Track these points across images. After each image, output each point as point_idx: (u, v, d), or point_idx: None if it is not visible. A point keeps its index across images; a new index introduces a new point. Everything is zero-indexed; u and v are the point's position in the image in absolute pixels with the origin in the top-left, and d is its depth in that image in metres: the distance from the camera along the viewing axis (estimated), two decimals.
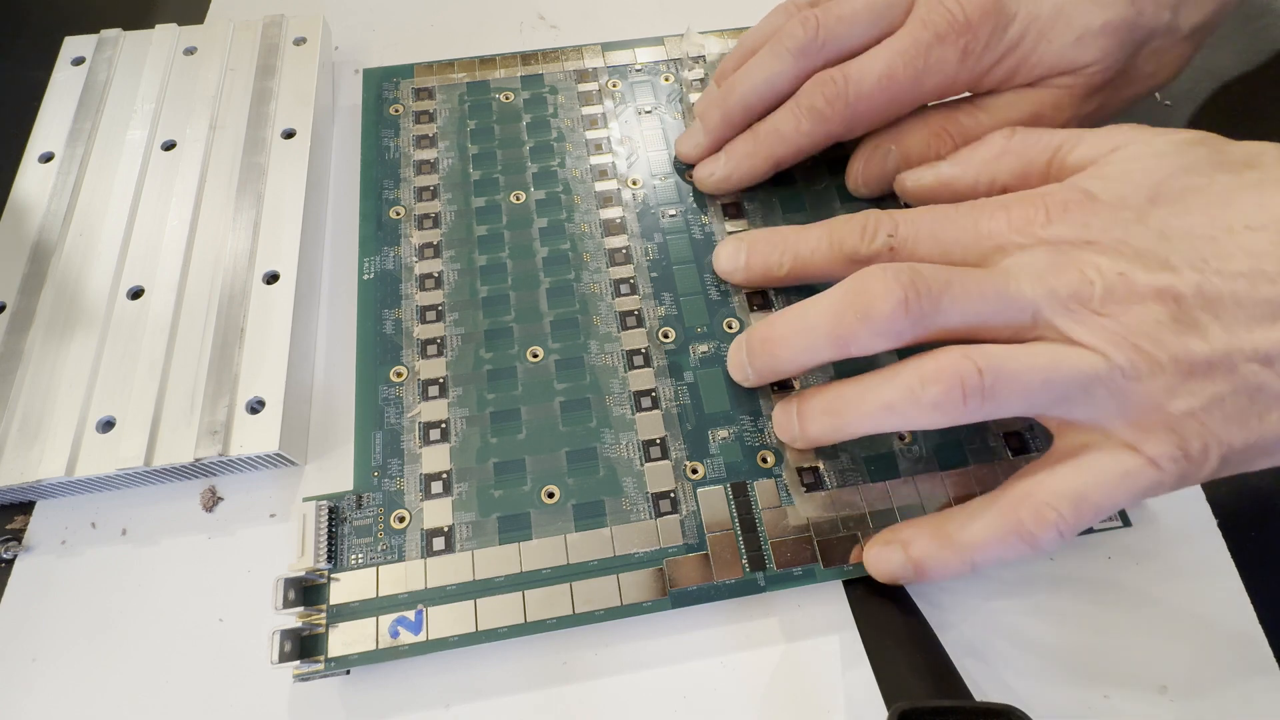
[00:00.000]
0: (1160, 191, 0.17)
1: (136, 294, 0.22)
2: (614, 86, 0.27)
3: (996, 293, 0.17)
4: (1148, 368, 0.16)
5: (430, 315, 0.23)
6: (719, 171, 0.24)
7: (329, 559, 0.19)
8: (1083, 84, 0.21)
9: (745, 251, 0.22)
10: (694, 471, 0.21)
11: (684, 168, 0.25)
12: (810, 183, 0.25)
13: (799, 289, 0.23)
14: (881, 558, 0.19)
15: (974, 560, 0.17)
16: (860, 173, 0.24)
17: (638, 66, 0.28)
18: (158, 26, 0.27)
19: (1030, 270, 0.17)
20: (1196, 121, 0.28)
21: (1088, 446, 0.17)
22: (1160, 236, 0.16)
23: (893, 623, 0.19)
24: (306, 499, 0.20)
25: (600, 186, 0.25)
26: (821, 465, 0.21)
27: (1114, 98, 0.23)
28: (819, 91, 0.22)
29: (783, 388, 0.22)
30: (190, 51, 0.27)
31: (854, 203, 0.25)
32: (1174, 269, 0.16)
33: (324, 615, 0.19)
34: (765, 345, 0.20)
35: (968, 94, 0.23)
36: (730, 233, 0.24)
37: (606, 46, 0.28)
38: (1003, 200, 0.18)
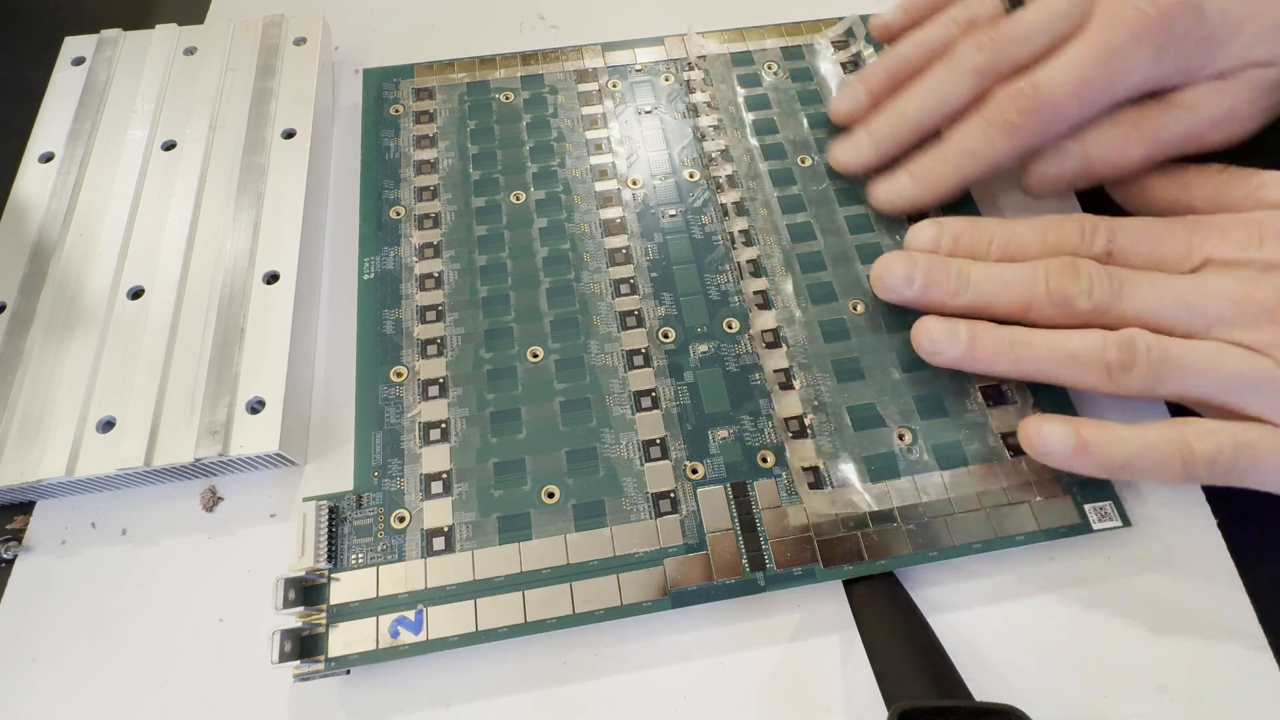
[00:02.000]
0: None
1: (136, 294, 0.22)
2: (614, 86, 0.27)
3: (1176, 300, 0.19)
4: None
5: (430, 315, 0.23)
6: (908, 194, 0.24)
7: (329, 559, 0.19)
8: (1275, 76, 0.21)
9: (949, 236, 0.22)
10: (694, 471, 0.21)
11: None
12: (810, 182, 0.25)
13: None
14: (1046, 431, 0.19)
15: (1132, 460, 0.18)
16: (1042, 173, 0.23)
17: (638, 66, 0.28)
18: (158, 26, 0.27)
19: (1227, 287, 0.18)
20: None
21: (1257, 424, 0.18)
22: None
23: (893, 623, 0.19)
24: (306, 499, 0.20)
25: (600, 186, 0.25)
26: (822, 465, 0.21)
27: None
28: (1012, 106, 0.21)
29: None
30: (190, 51, 0.27)
31: (853, 203, 0.25)
32: None
33: (324, 615, 0.19)
34: (953, 274, 0.21)
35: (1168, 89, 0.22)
36: (732, 232, 0.24)
37: (606, 46, 0.28)
38: (1218, 221, 0.20)
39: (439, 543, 0.19)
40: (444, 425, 0.21)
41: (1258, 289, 0.18)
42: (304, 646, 0.18)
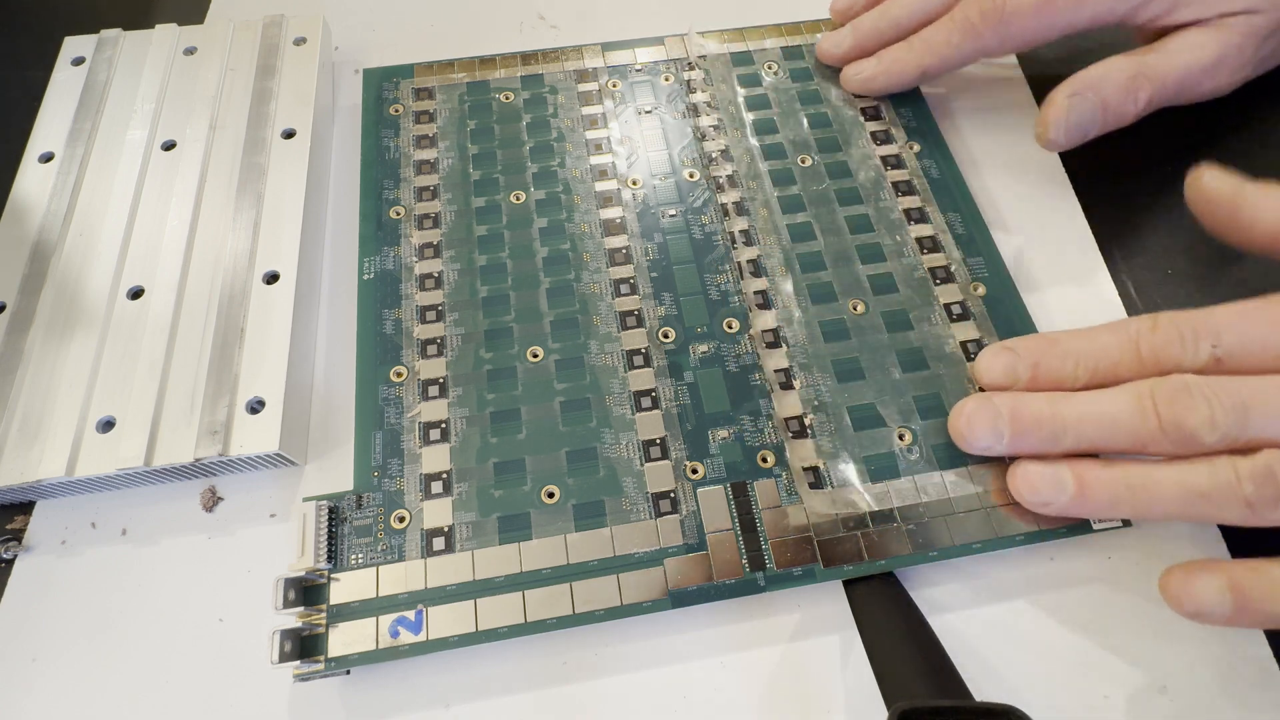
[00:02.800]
0: None
1: (136, 294, 0.22)
2: (614, 86, 0.27)
3: None
4: None
5: (430, 315, 0.23)
6: (867, 70, 0.26)
7: (329, 559, 0.19)
8: (1260, 24, 0.22)
9: (1025, 365, 0.19)
10: (694, 471, 0.21)
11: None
12: (810, 182, 0.25)
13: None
14: (1197, 587, 0.17)
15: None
16: (1063, 120, 0.23)
17: (638, 66, 0.28)
18: (158, 26, 0.27)
19: None
20: (1198, 108, 0.28)
21: None
22: None
23: (893, 623, 0.19)
24: (306, 499, 0.20)
25: (600, 186, 0.25)
26: (822, 465, 0.21)
27: None
28: (976, 7, 0.23)
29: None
30: (190, 51, 0.27)
31: (853, 203, 0.25)
32: None
33: (324, 615, 0.19)
34: (1045, 420, 0.18)
35: (1146, 41, 0.23)
36: (732, 232, 0.24)
37: (606, 46, 0.28)
38: None
39: (439, 543, 0.19)
40: (444, 425, 0.21)
41: None
42: (304, 646, 0.18)
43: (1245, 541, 0.20)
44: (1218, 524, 0.18)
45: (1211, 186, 0.20)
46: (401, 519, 0.20)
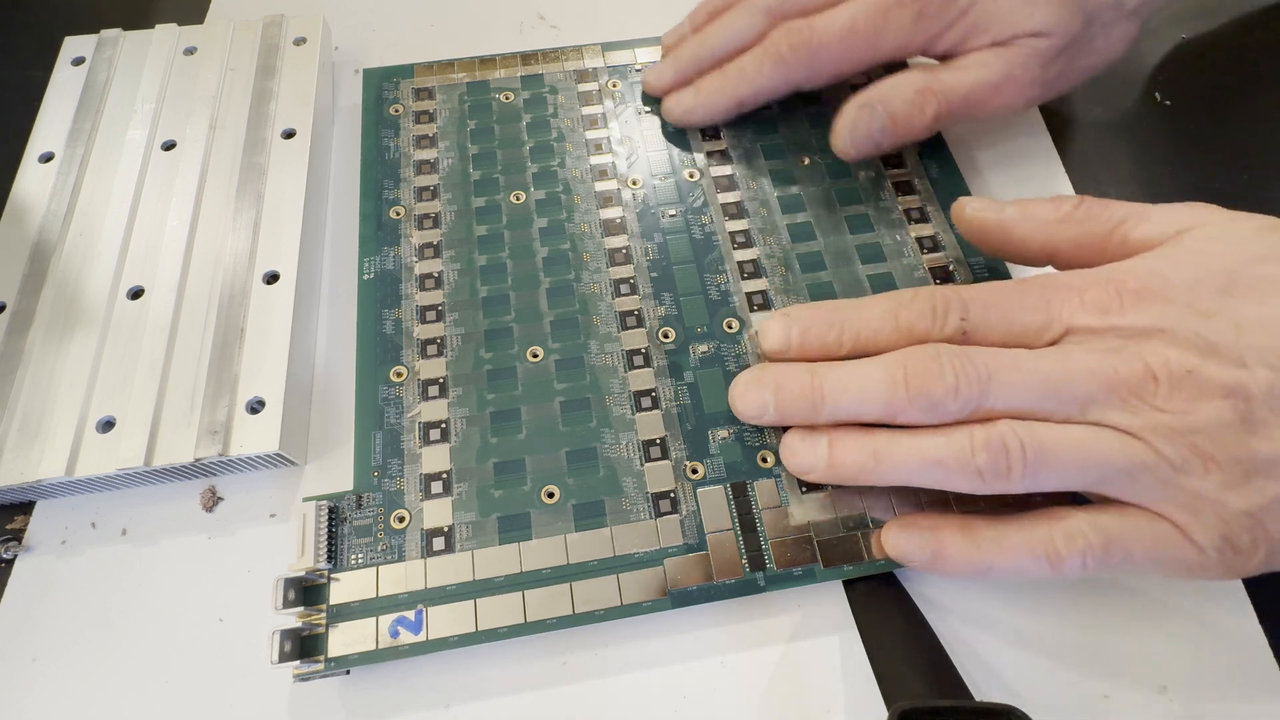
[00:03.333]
0: (1236, 279, 0.16)
1: (136, 294, 0.22)
2: (614, 86, 0.27)
3: (1044, 386, 0.17)
4: (1203, 465, 0.16)
5: (430, 315, 0.23)
6: (684, 103, 0.26)
7: (329, 559, 0.19)
8: (1045, 47, 0.23)
9: (797, 331, 0.20)
10: (694, 471, 0.21)
11: (654, 103, 0.27)
12: (810, 183, 0.25)
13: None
14: (905, 538, 0.18)
15: (994, 564, 0.17)
16: (849, 131, 0.24)
17: (638, 66, 0.28)
18: (158, 26, 0.27)
19: (1090, 363, 0.17)
20: (1196, 119, 0.28)
21: (1129, 509, 0.17)
22: (1235, 329, 0.16)
23: (893, 623, 0.19)
24: (306, 499, 0.20)
25: (600, 186, 0.25)
26: None
27: (1072, 66, 0.24)
28: (784, 39, 0.24)
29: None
30: (190, 51, 0.27)
31: (853, 203, 0.25)
32: (1247, 366, 0.16)
33: (324, 615, 0.19)
34: (806, 392, 0.19)
35: (936, 56, 0.24)
36: (731, 232, 0.24)
37: (606, 46, 0.28)
38: (1074, 282, 0.18)
39: (439, 543, 0.19)
40: (444, 425, 0.21)
41: (1122, 362, 0.16)
42: (304, 646, 0.18)
43: None
44: (952, 491, 0.19)
45: (977, 217, 0.21)
46: (401, 519, 0.20)
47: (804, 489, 0.20)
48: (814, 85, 0.25)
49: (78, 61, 0.27)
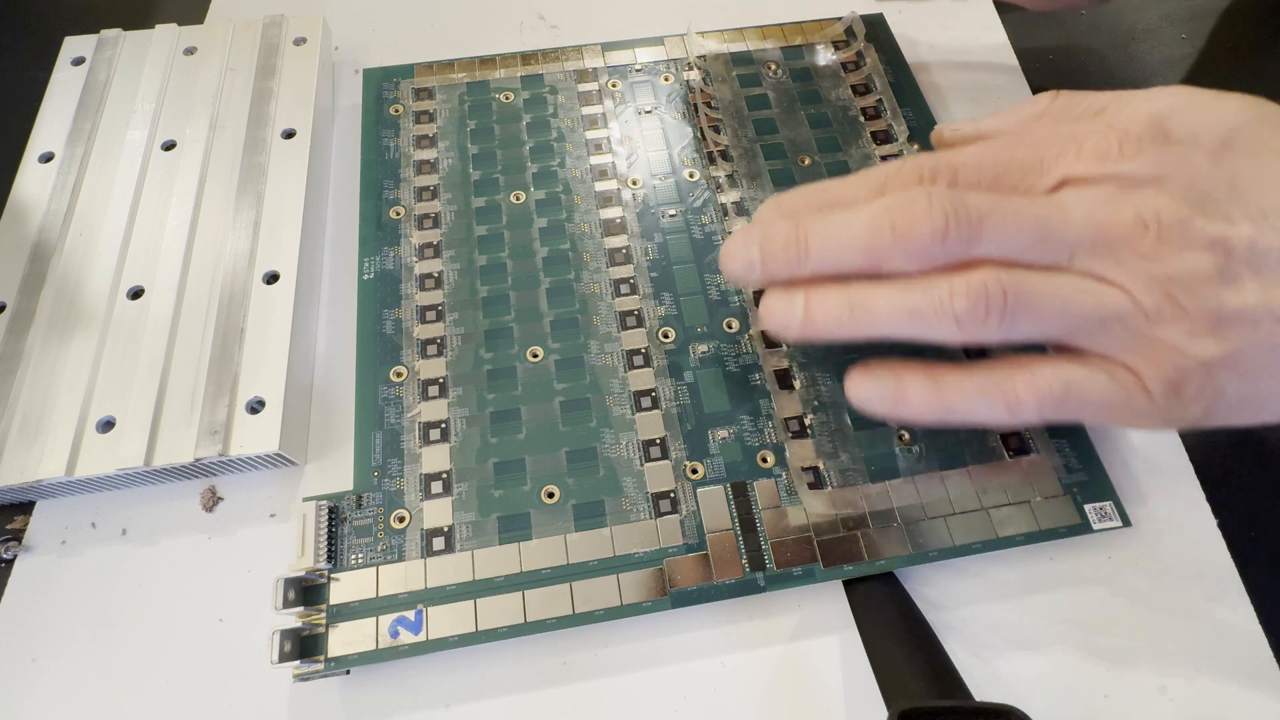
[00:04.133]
0: (1235, 137, 0.16)
1: (136, 294, 0.22)
2: (614, 86, 0.27)
3: (1037, 230, 0.16)
4: (1173, 314, 0.16)
5: (430, 315, 0.23)
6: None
7: (329, 559, 0.19)
8: None
9: (787, 205, 0.19)
10: (694, 471, 0.21)
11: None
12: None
13: None
14: (867, 382, 0.18)
15: (953, 405, 0.17)
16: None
17: (638, 66, 0.28)
18: (158, 26, 0.27)
19: (1084, 211, 0.16)
20: None
21: (1092, 358, 0.17)
22: (1230, 184, 0.16)
23: (893, 623, 0.19)
24: (306, 499, 0.20)
25: (600, 186, 0.25)
26: (822, 464, 0.21)
27: None
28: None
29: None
30: (190, 51, 0.27)
31: None
32: (1232, 220, 0.16)
33: (324, 615, 0.19)
34: (790, 243, 0.18)
35: None
36: (732, 232, 0.24)
37: (606, 46, 0.28)
38: (1074, 132, 0.17)
39: (439, 543, 0.19)
40: (444, 425, 0.21)
41: (1117, 211, 0.16)
42: (304, 646, 0.18)
43: (1247, 542, 0.20)
44: (932, 343, 0.18)
45: (958, 135, 0.20)
46: (401, 519, 0.20)
47: (809, 485, 0.20)
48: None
49: (78, 61, 0.27)
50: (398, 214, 0.25)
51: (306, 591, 0.19)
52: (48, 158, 0.25)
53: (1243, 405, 0.16)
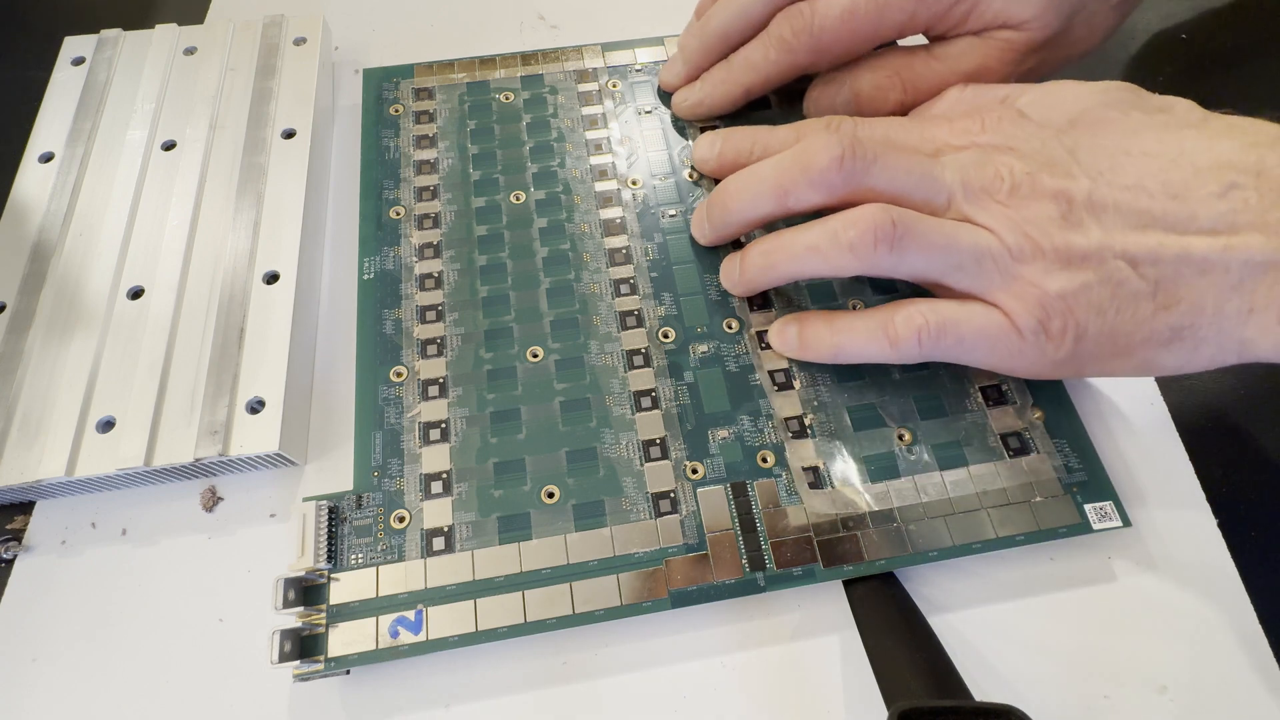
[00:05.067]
0: (1081, 118, 0.20)
1: (136, 294, 0.22)
2: (614, 86, 0.27)
3: (922, 171, 0.20)
4: (1032, 251, 0.18)
5: (430, 315, 0.23)
6: (693, 96, 0.26)
7: (329, 559, 0.19)
8: (1024, 40, 0.23)
9: (720, 141, 0.24)
10: (694, 471, 0.21)
11: (659, 101, 0.27)
12: None
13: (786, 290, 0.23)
14: (780, 329, 0.22)
15: (843, 344, 0.21)
16: (814, 102, 0.26)
17: (638, 66, 0.28)
18: (158, 26, 0.27)
19: (956, 164, 0.20)
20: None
21: (967, 298, 0.20)
22: (1070, 151, 0.19)
23: (893, 623, 0.19)
24: (306, 499, 0.20)
25: (600, 186, 0.25)
26: (822, 464, 0.21)
27: (1050, 58, 0.24)
28: (787, 23, 0.24)
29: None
30: (190, 51, 0.27)
31: None
32: (1073, 176, 0.19)
33: (324, 615, 0.19)
34: (720, 199, 0.22)
35: (924, 41, 0.25)
36: None
37: (606, 46, 0.28)
38: (948, 114, 0.22)
39: (439, 543, 0.19)
40: (444, 425, 0.21)
41: (980, 167, 0.19)
42: (304, 646, 0.18)
43: (1247, 542, 0.20)
44: (832, 276, 0.22)
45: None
46: (401, 519, 0.20)
47: (810, 485, 0.20)
48: (819, 68, 0.25)
49: (78, 61, 0.27)
50: (398, 214, 0.25)
51: (306, 591, 0.19)
52: (48, 158, 0.25)
53: (1107, 347, 0.19)
